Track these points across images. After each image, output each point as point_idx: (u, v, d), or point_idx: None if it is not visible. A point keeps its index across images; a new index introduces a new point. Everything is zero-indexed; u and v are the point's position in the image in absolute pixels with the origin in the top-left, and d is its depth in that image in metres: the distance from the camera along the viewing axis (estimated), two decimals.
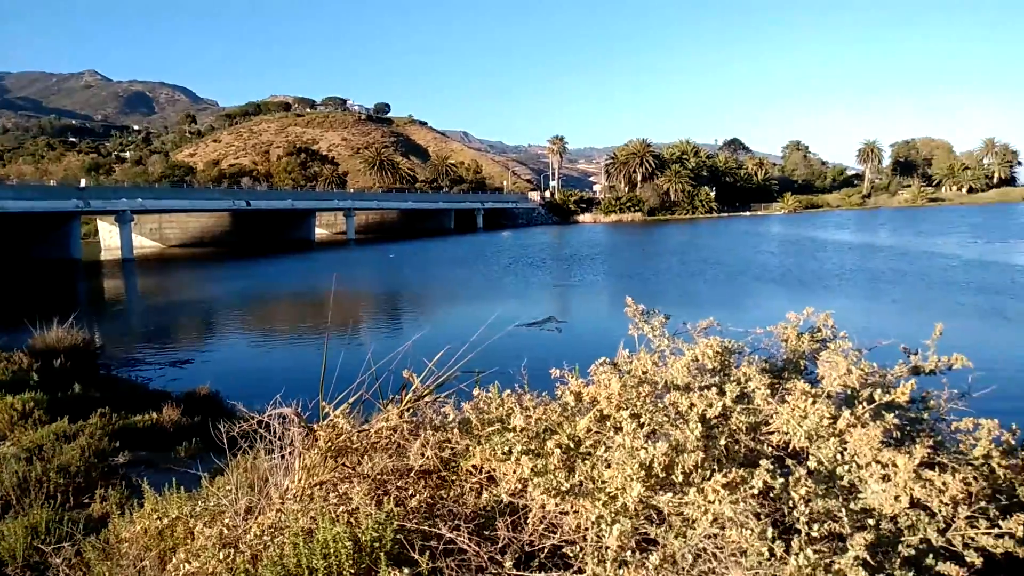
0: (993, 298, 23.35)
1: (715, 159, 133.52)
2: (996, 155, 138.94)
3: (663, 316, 4.01)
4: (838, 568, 2.26)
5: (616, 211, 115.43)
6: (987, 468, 3.07)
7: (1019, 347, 16.73)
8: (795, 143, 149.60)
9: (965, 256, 38.14)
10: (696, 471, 2.75)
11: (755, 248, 49.93)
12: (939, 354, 3.88)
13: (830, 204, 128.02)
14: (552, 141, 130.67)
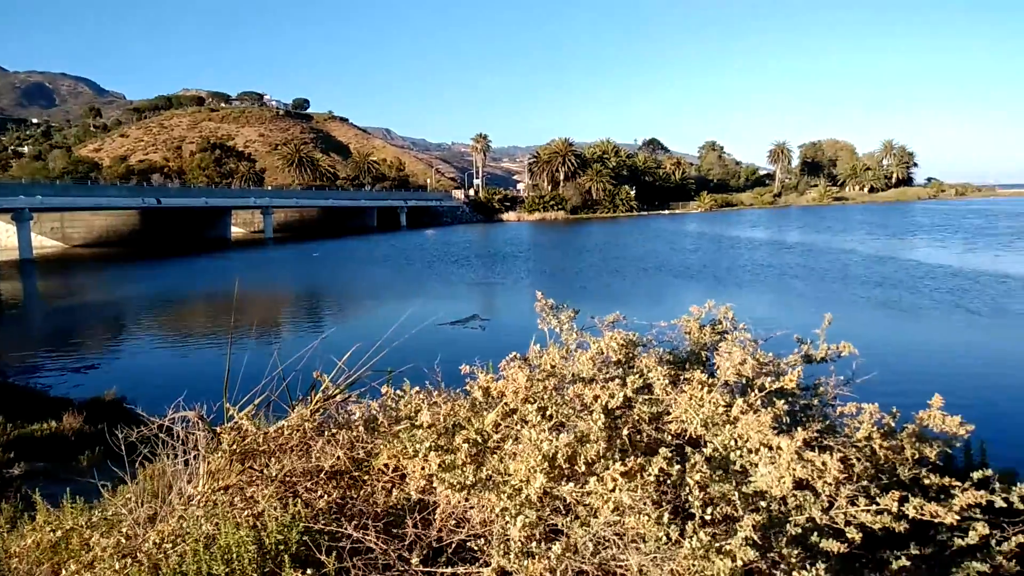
0: (889, 291, 24.81)
1: (635, 159, 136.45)
2: (894, 156, 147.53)
3: (571, 311, 4.09)
4: (728, 549, 2.36)
5: (540, 209, 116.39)
6: (869, 449, 3.27)
7: (908, 335, 17.81)
8: (711, 143, 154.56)
9: (865, 252, 40.37)
10: (599, 461, 2.82)
11: (673, 245, 51.36)
12: (829, 343, 4.12)
13: (744, 203, 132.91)
14: (475, 139, 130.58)
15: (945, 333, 17.80)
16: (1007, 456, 7.94)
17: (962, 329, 17.97)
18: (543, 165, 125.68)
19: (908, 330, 18.49)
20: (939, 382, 12.87)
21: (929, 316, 19.83)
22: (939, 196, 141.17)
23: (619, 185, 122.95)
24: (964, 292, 23.69)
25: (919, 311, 20.65)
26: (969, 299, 22.18)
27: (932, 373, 13.88)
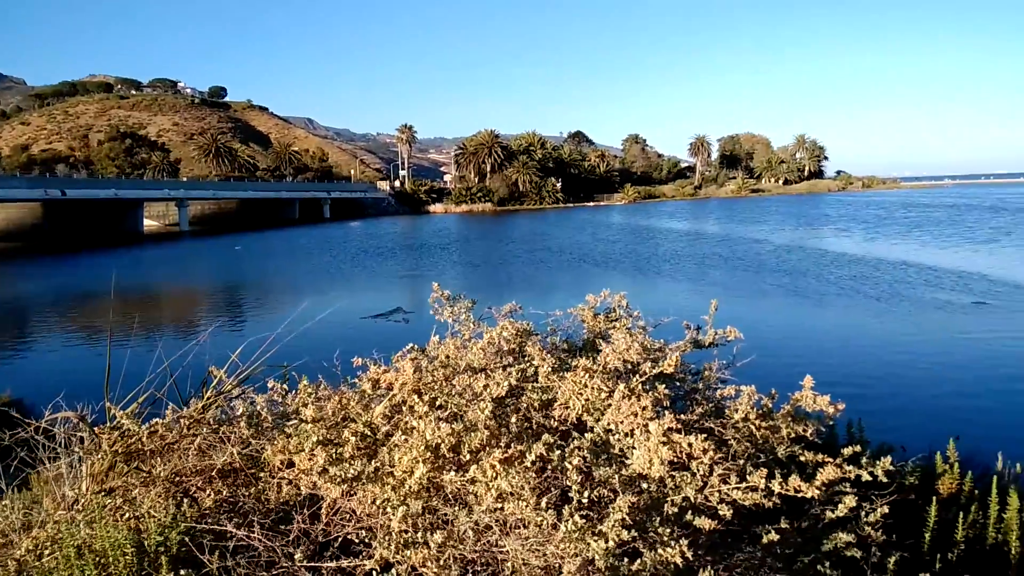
0: (797, 279, 25.97)
1: (560, 151, 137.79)
2: (806, 150, 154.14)
3: (469, 301, 4.11)
4: (602, 530, 2.43)
5: (467, 201, 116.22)
6: (747, 429, 3.43)
7: (811, 320, 18.68)
8: (634, 136, 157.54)
9: (778, 241, 42.08)
10: (484, 449, 2.85)
11: (597, 236, 52.19)
12: (742, 329, 4.28)
13: (666, 194, 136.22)
14: (400, 130, 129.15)
15: (844, 318, 18.76)
16: (898, 432, 8.46)
17: (860, 314, 18.97)
18: (469, 157, 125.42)
19: (811, 315, 19.39)
20: (835, 365, 13.63)
21: (832, 302, 20.86)
22: (847, 188, 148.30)
23: (545, 177, 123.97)
24: (865, 279, 25.02)
25: (823, 297, 21.68)
26: (869, 286, 23.44)
27: (830, 355, 14.62)
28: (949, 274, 25.65)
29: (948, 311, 18.74)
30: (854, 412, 10.70)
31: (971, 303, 19.76)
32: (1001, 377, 12.61)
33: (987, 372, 12.95)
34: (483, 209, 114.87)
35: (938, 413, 10.65)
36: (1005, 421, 10.33)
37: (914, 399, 11.48)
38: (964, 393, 11.68)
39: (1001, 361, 13.67)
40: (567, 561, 2.38)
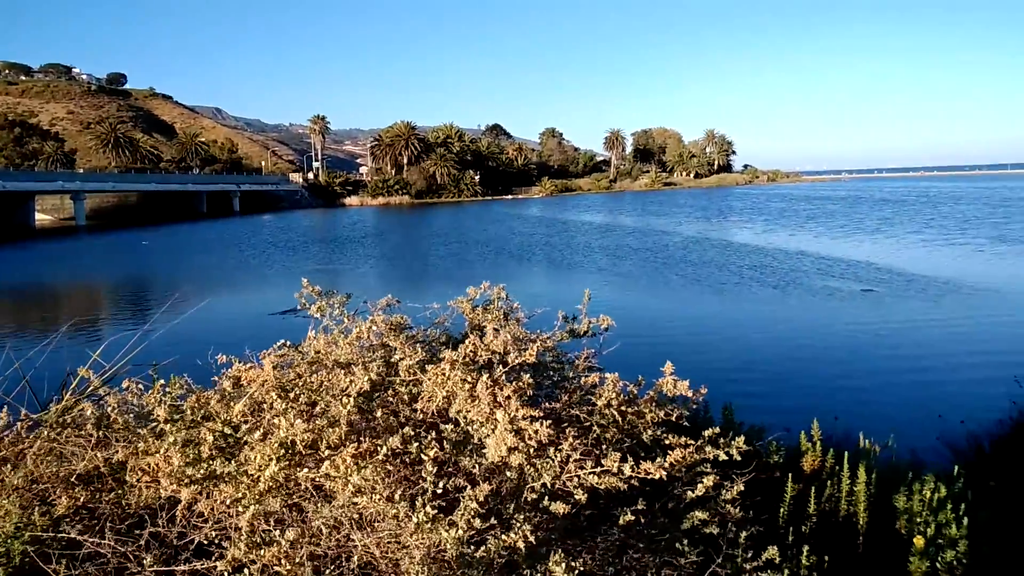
0: (700, 268, 26.94)
1: (478, 144, 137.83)
2: (715, 144, 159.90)
3: (343, 296, 4.07)
4: (453, 520, 2.47)
5: (383, 194, 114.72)
6: (611, 416, 3.54)
7: (711, 307, 19.42)
8: (550, 130, 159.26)
9: (686, 233, 43.50)
10: (344, 445, 2.84)
11: (514, 229, 52.55)
12: (600, 316, 4.39)
13: (582, 188, 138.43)
14: (313, 120, 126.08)
15: (740, 306, 19.59)
16: (778, 413, 8.92)
17: (755, 302, 19.86)
18: (386, 148, 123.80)
19: (710, 304, 20.14)
20: (727, 351, 14.24)
21: (731, 291, 21.74)
22: (754, 182, 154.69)
23: (463, 170, 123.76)
24: (764, 268, 26.21)
25: (723, 287, 22.57)
26: (767, 275, 24.57)
27: (723, 342, 15.24)
28: (840, 263, 27.19)
29: (838, 298, 19.85)
30: (740, 395, 11.20)
31: (859, 290, 20.98)
32: (878, 361, 13.47)
33: (866, 356, 13.80)
34: (400, 202, 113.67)
35: (817, 395, 11.30)
36: (875, 400, 11.06)
37: (797, 383, 12.14)
38: (843, 376, 12.42)
39: (880, 346, 14.59)
40: (412, 550, 2.41)
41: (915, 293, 20.17)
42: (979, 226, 42.35)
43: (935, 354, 13.79)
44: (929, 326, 16.12)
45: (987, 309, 17.75)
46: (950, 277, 22.74)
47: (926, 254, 30.01)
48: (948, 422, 9.29)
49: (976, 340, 14.75)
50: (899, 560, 3.74)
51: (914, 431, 9.55)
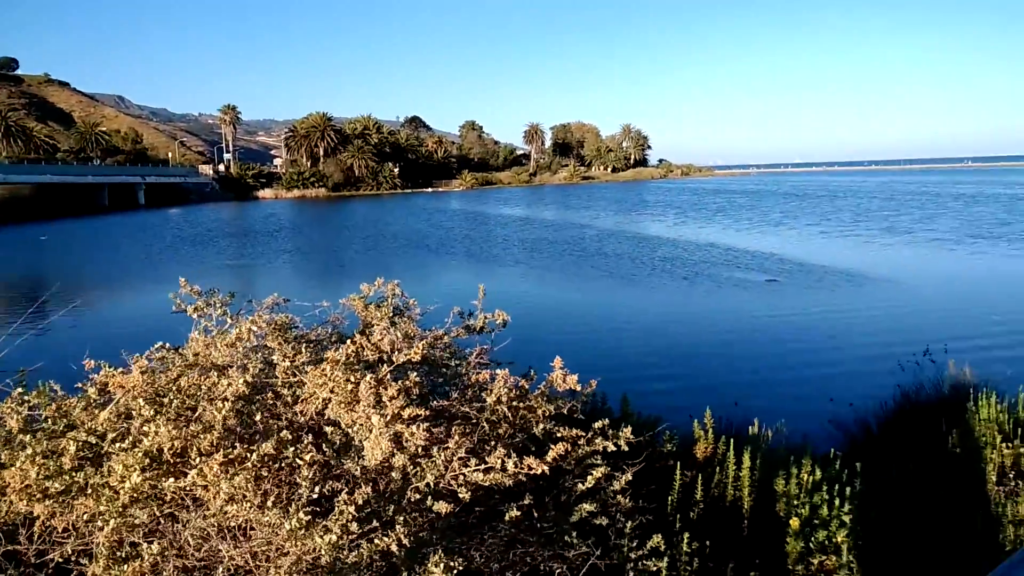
0: (613, 261, 27.51)
1: (397, 136, 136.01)
2: (632, 139, 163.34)
3: (226, 295, 3.92)
4: (327, 525, 2.41)
5: (299, 186, 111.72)
6: (501, 411, 3.55)
7: (621, 299, 19.84)
8: (470, 123, 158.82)
9: (602, 226, 44.29)
10: (218, 452, 2.73)
11: (434, 222, 52.20)
12: (495, 312, 4.39)
13: (503, 181, 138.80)
14: (223, 110, 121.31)
15: (649, 297, 20.10)
16: (679, 403, 9.20)
17: (664, 294, 20.44)
18: (301, 140, 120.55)
19: (620, 296, 20.56)
20: (637, 342, 14.60)
21: (642, 283, 22.29)
22: (668, 176, 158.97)
23: (382, 162, 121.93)
24: (674, 260, 27.00)
25: (633, 279, 23.11)
26: (677, 267, 25.32)
27: (631, 335, 15.60)
28: (746, 254, 28.30)
29: (743, 289, 20.63)
30: (647, 386, 11.48)
31: (764, 281, 21.88)
32: (778, 348, 14.08)
33: (768, 345, 14.41)
34: (317, 195, 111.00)
35: (721, 384, 11.69)
36: (774, 387, 11.56)
37: (702, 372, 12.54)
38: (745, 364, 12.92)
39: (780, 334, 15.26)
40: (280, 559, 2.34)
41: (813, 283, 21.20)
42: (872, 218, 44.94)
43: (830, 341, 14.53)
44: (825, 314, 16.96)
45: (877, 297, 18.84)
46: (845, 267, 24.05)
47: (824, 245, 31.59)
48: (839, 405, 9.77)
49: (867, 326, 15.62)
50: (779, 542, 3.92)
51: (808, 415, 10.02)
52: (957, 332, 14.70)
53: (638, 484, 4.50)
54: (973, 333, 14.68)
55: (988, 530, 4.45)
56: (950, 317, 16.34)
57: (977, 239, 32.33)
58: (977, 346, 13.54)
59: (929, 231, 36.36)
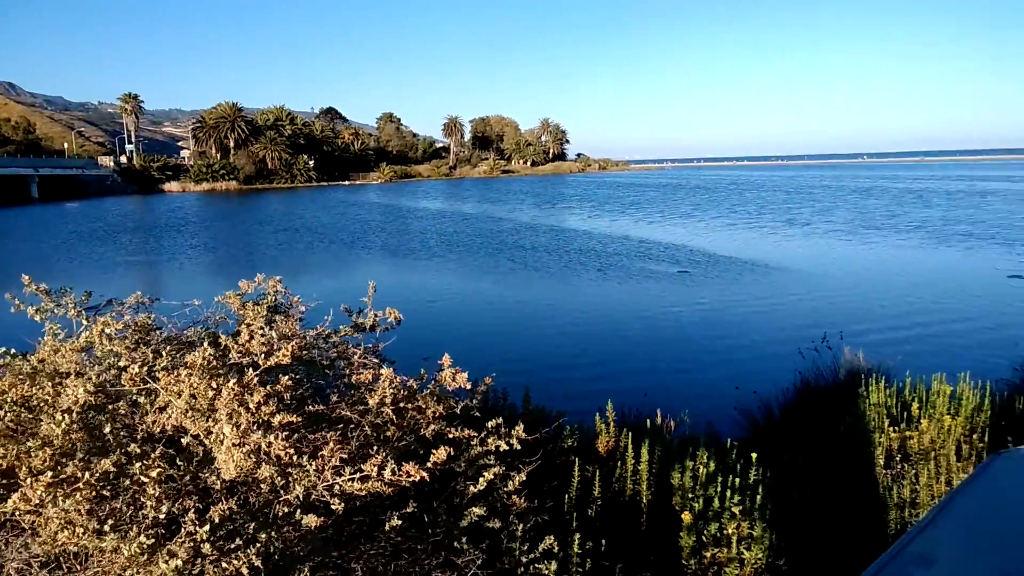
0: (529, 253, 27.61)
1: (312, 127, 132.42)
2: (550, 133, 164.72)
3: (81, 295, 3.57)
4: (172, 549, 2.17)
5: (208, 179, 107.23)
6: (386, 414, 3.37)
7: (529, 295, 19.90)
8: (388, 115, 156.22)
9: (520, 220, 44.43)
10: (57, 468, 2.44)
11: (347, 216, 51.12)
12: (386, 309, 4.18)
13: (422, 174, 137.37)
14: (124, 99, 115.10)
15: (565, 289, 20.24)
16: (584, 398, 9.19)
17: (579, 285, 20.63)
18: (210, 131, 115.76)
19: (536, 288, 20.61)
20: (548, 335, 14.63)
21: (558, 275, 22.44)
22: (586, 170, 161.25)
23: (296, 154, 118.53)
24: (588, 253, 27.32)
25: (549, 271, 23.25)
26: (591, 259, 25.62)
27: (547, 326, 15.64)
28: (659, 246, 28.94)
29: (655, 280, 21.04)
30: (556, 379, 11.46)
31: (675, 272, 22.38)
32: (687, 338, 14.40)
33: (677, 335, 14.71)
34: (227, 188, 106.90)
35: (630, 375, 11.83)
36: (683, 376, 11.79)
37: (612, 363, 12.67)
38: (655, 355, 13.14)
39: (689, 324, 15.61)
40: None
41: (721, 273, 21.85)
42: (775, 211, 46.88)
43: (736, 329, 14.95)
44: (731, 303, 17.46)
45: (779, 286, 19.58)
46: (750, 258, 24.94)
47: (730, 237, 32.65)
48: (744, 392, 10.01)
49: (771, 314, 16.18)
50: (675, 536, 3.89)
51: (716, 403, 10.25)
52: (852, 318, 15.42)
53: (538, 482, 4.39)
54: (866, 318, 15.44)
55: (875, 514, 4.57)
56: (845, 304, 17.12)
57: (869, 230, 34.26)
58: (869, 330, 14.24)
59: (827, 223, 38.26)
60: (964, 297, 17.70)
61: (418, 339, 4.20)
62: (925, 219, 38.82)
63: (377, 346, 4.13)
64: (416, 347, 4.20)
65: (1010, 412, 5.90)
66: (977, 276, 20.86)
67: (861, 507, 4.63)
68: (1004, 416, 5.88)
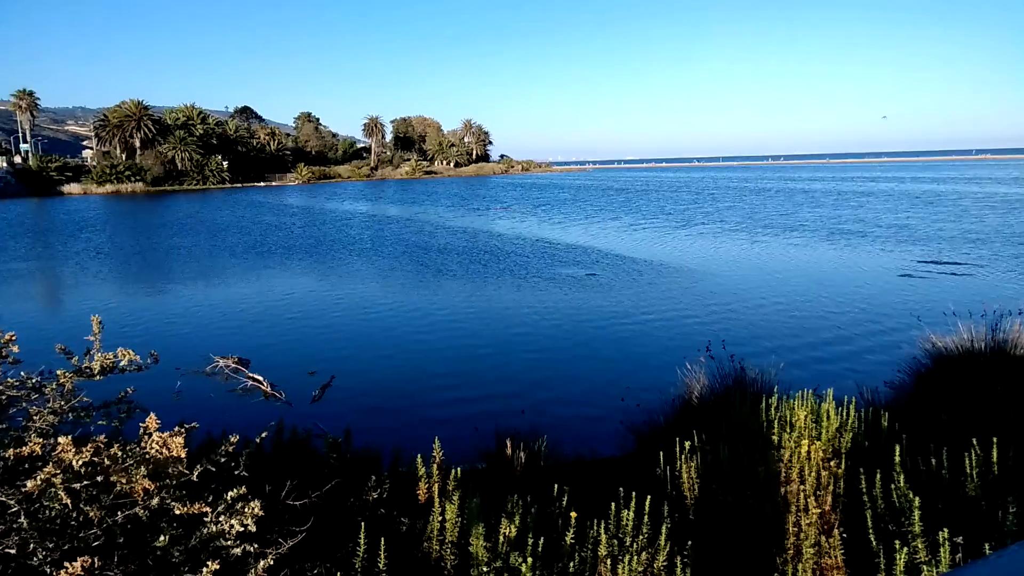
0: (440, 256, 26.86)
1: (226, 126, 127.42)
2: (473, 134, 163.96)
3: None
4: None
5: (112, 181, 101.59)
6: (59, 496, 2.62)
7: (432, 298, 19.21)
8: (306, 114, 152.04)
9: (437, 221, 43.64)
10: None
11: (258, 220, 49.13)
12: (118, 351, 3.40)
13: (342, 175, 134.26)
14: (18, 95, 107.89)
15: (465, 294, 19.60)
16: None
17: (488, 290, 20.05)
18: (114, 130, 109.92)
19: (441, 293, 19.86)
20: (443, 348, 13.94)
21: (460, 279, 21.82)
22: (510, 171, 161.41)
23: (209, 155, 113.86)
24: (496, 254, 26.84)
25: (453, 275, 22.58)
26: (496, 260, 25.12)
27: (443, 337, 14.98)
28: (572, 249, 28.71)
29: (559, 284, 20.65)
30: (435, 399, 10.72)
31: (585, 275, 22.07)
32: (574, 348, 13.93)
33: (565, 344, 14.23)
34: (134, 190, 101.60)
35: (515, 393, 11.24)
36: (574, 391, 11.27)
37: (489, 376, 12.07)
38: (538, 366, 12.62)
39: (577, 333, 15.15)
40: None
41: (621, 277, 21.71)
42: (672, 212, 47.73)
43: (623, 337, 14.54)
44: (620, 309, 17.11)
45: (670, 290, 19.42)
46: (647, 258, 25.16)
47: (623, 238, 32.75)
48: (629, 404, 9.61)
49: (657, 322, 15.83)
50: None
51: (605, 419, 9.82)
52: (742, 324, 15.37)
53: (329, 548, 3.70)
54: (754, 322, 15.42)
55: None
56: (737, 308, 17.03)
57: (768, 228, 35.31)
58: (754, 335, 14.18)
59: (720, 223, 39.31)
60: (854, 297, 17.97)
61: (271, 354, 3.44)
62: (817, 218, 40.41)
63: (126, 395, 3.36)
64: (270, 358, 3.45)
65: (876, 431, 5.58)
66: (868, 276, 21.34)
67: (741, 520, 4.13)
68: (869, 436, 5.55)
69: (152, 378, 12.95)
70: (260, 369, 12.45)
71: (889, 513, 4.03)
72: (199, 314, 17.82)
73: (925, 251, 26.17)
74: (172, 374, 12.42)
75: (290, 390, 11.55)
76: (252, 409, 10.85)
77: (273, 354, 13.91)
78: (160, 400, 11.21)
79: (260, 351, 14.00)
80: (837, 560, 4.07)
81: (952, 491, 4.17)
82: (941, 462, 4.43)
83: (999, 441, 4.36)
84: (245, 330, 16.00)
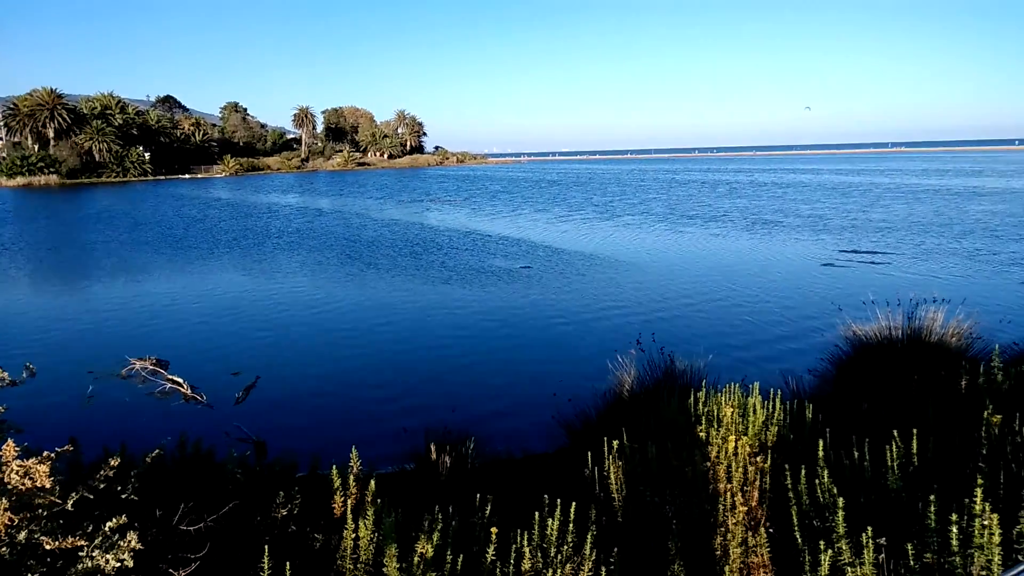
0: (368, 248, 26.36)
1: (147, 116, 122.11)
2: (407, 125, 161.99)
3: None
4: None
5: (24, 173, 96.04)
6: None
7: (357, 294, 18.82)
8: (233, 104, 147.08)
9: (385, 216, 42.86)
10: None
11: (183, 213, 47.28)
12: None
13: (271, 167, 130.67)
14: None
15: (362, 291, 19.26)
16: None
17: (417, 284, 19.75)
18: (25, 120, 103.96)
19: (366, 289, 19.49)
20: (374, 351, 13.60)
21: (398, 271, 21.46)
22: (445, 163, 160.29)
23: (129, 146, 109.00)
24: (428, 245, 26.50)
25: (378, 269, 22.18)
26: (429, 252, 24.82)
27: (376, 340, 14.64)
28: (502, 240, 28.59)
29: (495, 277, 20.49)
30: (341, 401, 10.41)
31: (520, 267, 21.98)
32: (504, 343, 13.82)
33: (494, 340, 14.10)
34: (47, 182, 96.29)
35: (442, 393, 11.04)
36: (499, 390, 11.13)
37: (418, 376, 11.85)
38: (479, 367, 12.45)
39: (506, 329, 15.04)
40: None
41: (544, 270, 21.72)
42: (597, 204, 48.37)
43: (554, 331, 14.51)
44: (552, 303, 17.05)
45: (598, 282, 19.52)
46: (578, 250, 25.25)
47: (549, 230, 32.96)
48: (561, 400, 9.54)
49: (591, 313, 15.88)
50: None
51: (537, 414, 9.70)
52: (670, 312, 15.56)
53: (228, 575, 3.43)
54: (682, 312, 15.62)
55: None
56: (664, 298, 17.25)
57: (691, 219, 36.15)
58: (682, 325, 14.35)
59: (644, 214, 40.00)
60: (778, 286, 18.41)
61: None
62: (737, 209, 41.73)
63: None
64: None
65: (800, 423, 5.62)
66: (790, 265, 21.94)
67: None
68: (795, 428, 5.59)
69: (60, 383, 12.13)
70: (180, 370, 11.86)
71: (814, 509, 4.01)
72: (115, 313, 16.93)
73: (840, 240, 27.12)
74: (84, 378, 11.73)
75: (212, 392, 11.05)
76: (171, 413, 10.32)
77: (194, 354, 13.30)
78: (68, 408, 10.56)
79: (180, 352, 13.37)
80: (764, 558, 4.03)
81: (874, 484, 4.19)
82: (863, 454, 4.46)
83: (919, 432, 4.41)
84: (165, 330, 15.26)
